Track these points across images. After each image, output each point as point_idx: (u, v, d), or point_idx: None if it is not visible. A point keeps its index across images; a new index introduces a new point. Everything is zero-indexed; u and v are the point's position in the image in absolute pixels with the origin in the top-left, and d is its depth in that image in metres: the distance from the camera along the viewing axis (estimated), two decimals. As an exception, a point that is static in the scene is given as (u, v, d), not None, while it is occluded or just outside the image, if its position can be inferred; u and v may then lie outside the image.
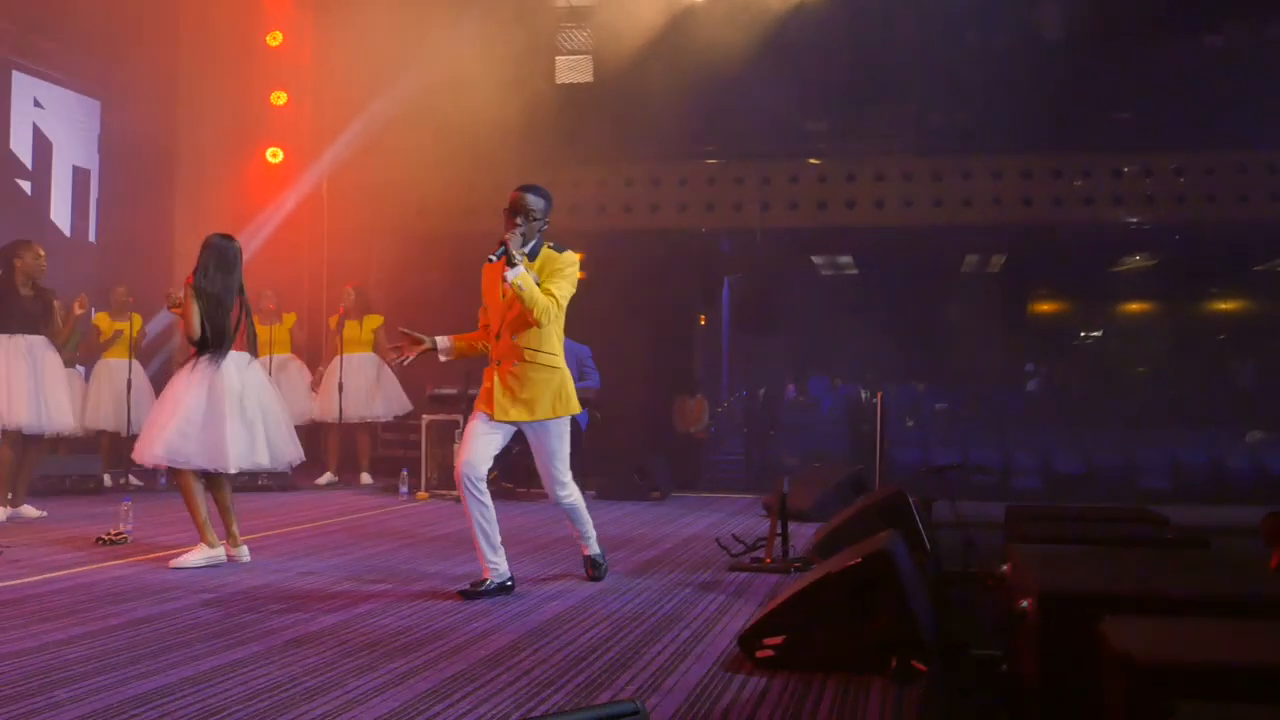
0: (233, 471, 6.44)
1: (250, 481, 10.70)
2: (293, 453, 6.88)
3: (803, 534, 7.26)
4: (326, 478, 11.30)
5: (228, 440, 6.36)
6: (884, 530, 4.56)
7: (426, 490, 10.40)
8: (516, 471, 10.68)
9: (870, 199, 13.91)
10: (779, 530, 6.23)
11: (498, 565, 5.41)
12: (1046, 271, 18.62)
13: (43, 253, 8.37)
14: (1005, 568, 4.82)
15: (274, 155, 13.88)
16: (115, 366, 10.81)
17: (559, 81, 14.43)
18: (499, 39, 12.75)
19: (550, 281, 5.36)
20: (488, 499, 5.35)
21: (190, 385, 6.44)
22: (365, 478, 11.45)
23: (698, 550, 7.01)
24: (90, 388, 10.90)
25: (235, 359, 6.55)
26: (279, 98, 13.93)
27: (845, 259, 18.57)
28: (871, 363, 17.77)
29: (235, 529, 6.51)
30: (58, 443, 10.39)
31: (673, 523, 8.56)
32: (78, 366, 10.78)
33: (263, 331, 11.35)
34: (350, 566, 6.08)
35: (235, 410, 6.43)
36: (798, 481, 9.09)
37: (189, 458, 6.34)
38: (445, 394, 10.41)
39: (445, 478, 10.38)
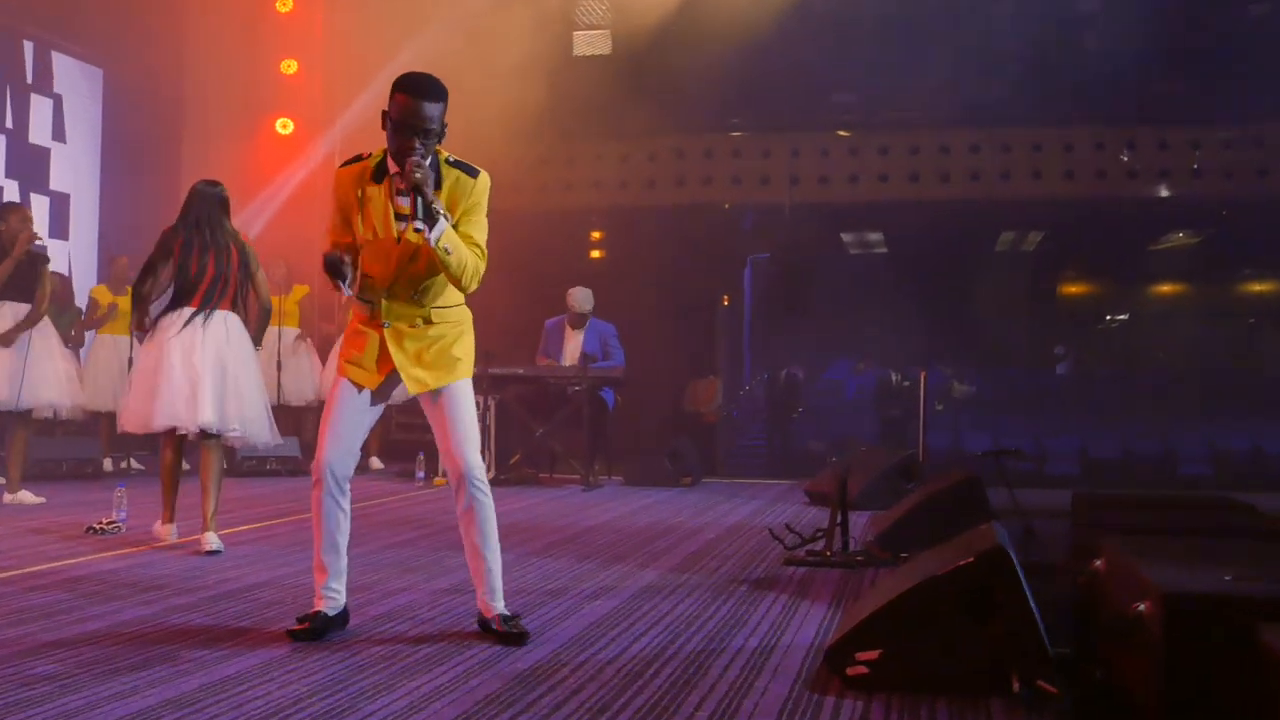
0: (195, 428, 6.00)
1: (259, 466, 10.16)
2: (253, 423, 6.25)
3: (853, 523, 6.65)
4: None
5: (166, 397, 5.96)
6: (979, 522, 3.97)
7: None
8: (539, 455, 10.12)
9: (904, 173, 13.34)
10: (839, 520, 5.63)
11: (338, 594, 4.05)
12: (1084, 249, 17.95)
13: (30, 216, 7.78)
14: (1098, 562, 4.27)
15: (284, 126, 13.31)
16: (114, 343, 10.24)
17: (577, 54, 13.86)
18: (516, 11, 12.18)
19: (468, 223, 3.95)
20: (348, 504, 4.05)
21: (150, 343, 6.14)
22: (375, 462, 10.88)
23: (746, 541, 6.43)
24: (88, 366, 10.33)
25: (227, 319, 6.13)
26: (289, 66, 13.35)
27: (875, 236, 17.95)
28: (898, 345, 17.15)
29: (211, 509, 5.98)
30: (54, 425, 9.84)
31: (710, 510, 7.98)
32: (73, 347, 10.23)
33: (287, 302, 10.83)
34: (363, 561, 5.51)
35: (182, 364, 6.00)
36: (843, 465, 8.52)
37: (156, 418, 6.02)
38: (465, 373, 9.83)
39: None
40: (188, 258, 6.01)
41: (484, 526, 4.00)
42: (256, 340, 6.39)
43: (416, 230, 3.79)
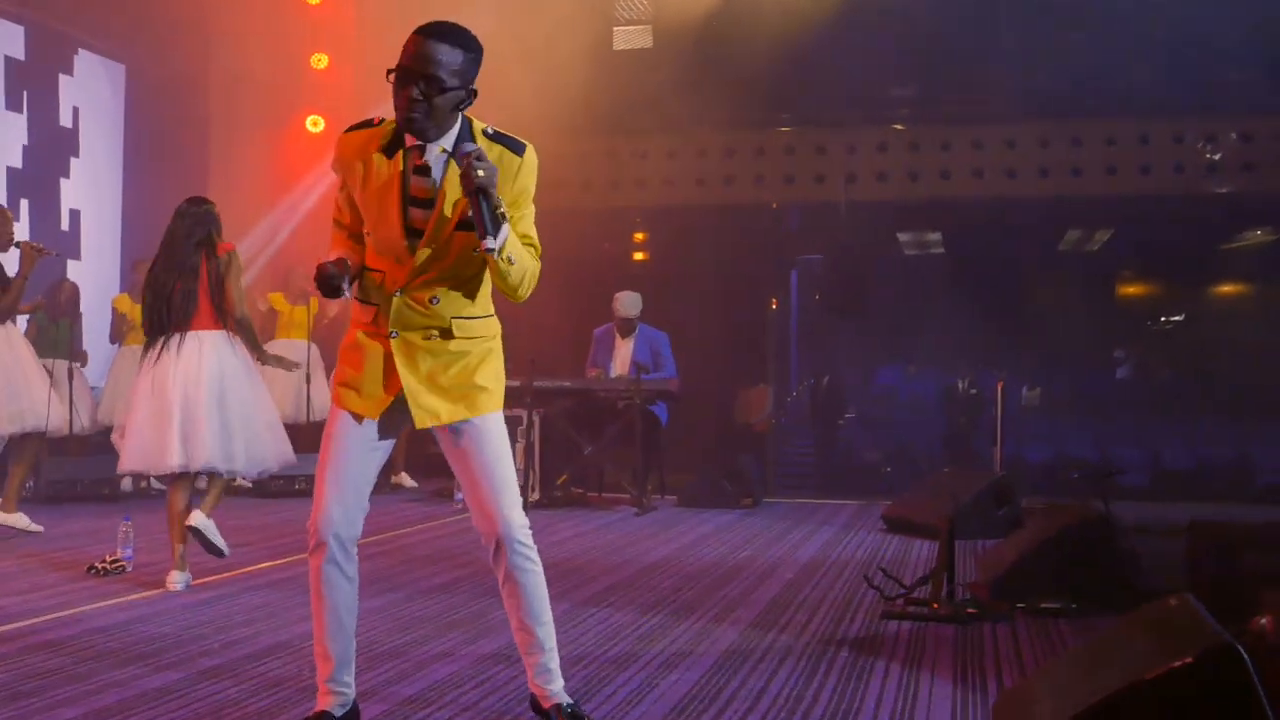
0: (168, 471, 5.48)
1: (287, 485, 9.46)
2: (273, 454, 5.76)
3: (926, 549, 5.82)
4: None
5: (168, 437, 5.43)
6: (1109, 569, 3.20)
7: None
8: (588, 473, 9.39)
9: (967, 169, 12.55)
10: (945, 565, 4.86)
11: (347, 688, 3.25)
12: (1154, 247, 17.07)
13: (9, 216, 7.09)
14: (1264, 620, 3.54)
15: (314, 124, 12.66)
16: (135, 355, 9.59)
17: (617, 48, 13.18)
18: (553, 8, 11.53)
19: (517, 215, 3.14)
20: (356, 570, 3.22)
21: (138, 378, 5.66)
22: (405, 479, 10.12)
23: (830, 584, 5.67)
24: (109, 378, 9.71)
25: (202, 340, 5.54)
26: (320, 61, 12.70)
27: (934, 236, 17.13)
28: (954, 348, 16.35)
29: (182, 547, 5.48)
30: (69, 442, 9.21)
31: (781, 541, 7.21)
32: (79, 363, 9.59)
33: (297, 312, 10.14)
34: (391, 615, 4.79)
35: (176, 402, 5.45)
36: (925, 489, 7.76)
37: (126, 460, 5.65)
38: (508, 386, 9.07)
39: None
40: (153, 283, 5.55)
41: (532, 599, 3.20)
42: (260, 358, 5.88)
43: (487, 250, 2.94)
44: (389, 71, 3.03)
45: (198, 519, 5.44)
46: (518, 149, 3.13)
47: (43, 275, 9.62)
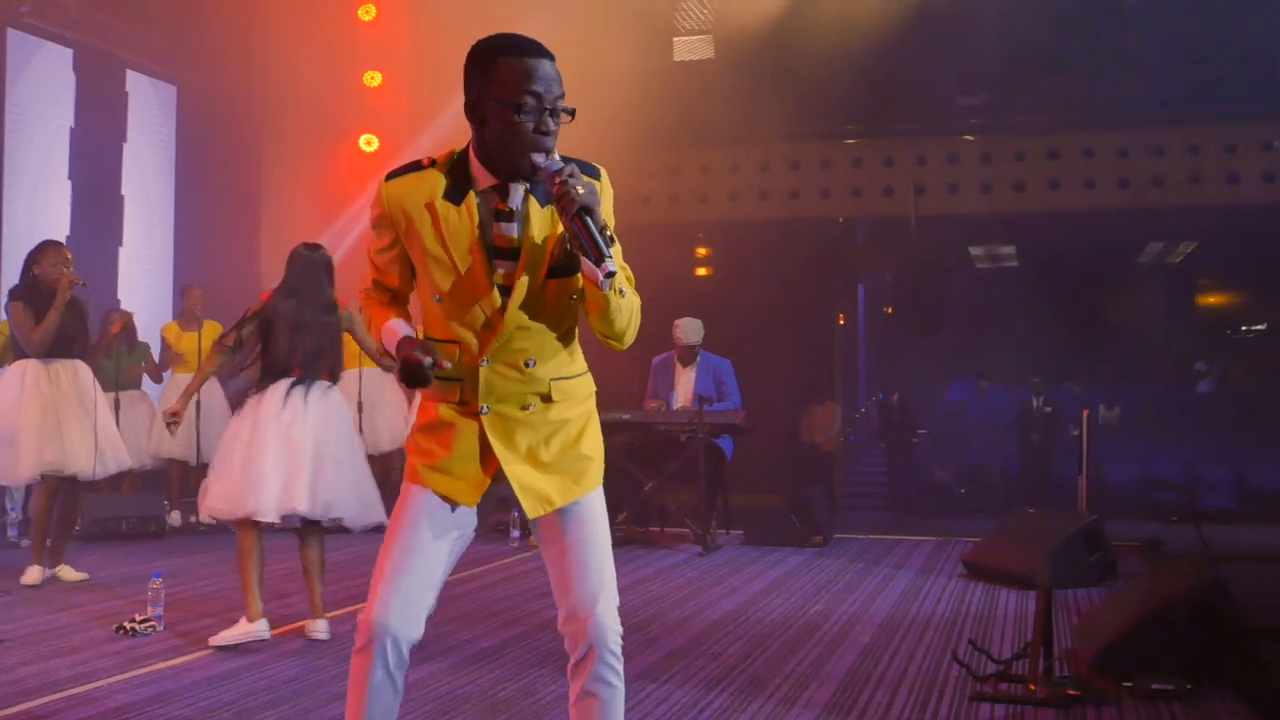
0: (265, 520, 5.23)
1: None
2: (353, 507, 5.42)
3: (1013, 601, 5.28)
4: None
5: (258, 481, 5.20)
6: (1229, 642, 2.73)
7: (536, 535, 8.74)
8: (648, 508, 8.98)
9: (1043, 180, 12.02)
10: (1042, 636, 4.39)
11: None
12: (1238, 258, 16.41)
13: (69, 255, 6.82)
14: None
15: (368, 143, 12.44)
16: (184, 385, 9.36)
17: (678, 59, 12.81)
18: (612, 18, 11.18)
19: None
20: (404, 682, 2.69)
21: (239, 422, 5.42)
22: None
23: (912, 650, 5.19)
24: (159, 409, 9.47)
25: (318, 389, 5.43)
26: (373, 79, 12.46)
27: (1007, 249, 16.58)
28: (1030, 364, 15.80)
29: (318, 596, 5.37)
30: (120, 478, 8.97)
31: (855, 590, 6.74)
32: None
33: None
34: (431, 690, 4.41)
35: (278, 444, 5.26)
36: (1008, 533, 7.27)
37: (212, 505, 5.32)
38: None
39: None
40: (281, 334, 5.35)
41: (604, 708, 2.68)
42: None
43: (608, 275, 2.48)
44: (470, 106, 2.58)
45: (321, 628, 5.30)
46: (593, 172, 2.67)
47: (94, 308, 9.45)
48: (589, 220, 2.45)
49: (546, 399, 2.69)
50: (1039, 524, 7.13)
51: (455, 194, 2.60)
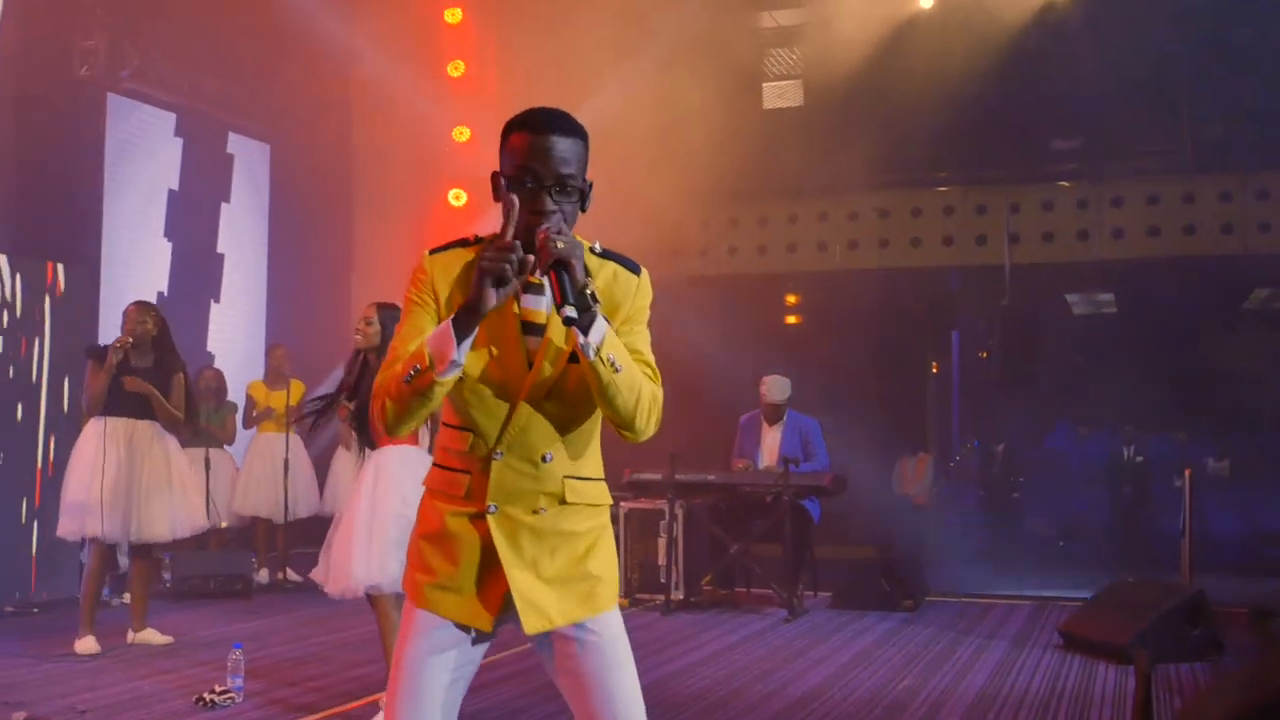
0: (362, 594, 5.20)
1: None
2: None
3: (1111, 678, 5.08)
4: None
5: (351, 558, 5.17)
6: None
7: (625, 596, 8.64)
8: (733, 571, 8.84)
9: (1141, 226, 11.70)
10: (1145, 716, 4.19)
11: None
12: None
13: (151, 311, 6.87)
14: None
15: (456, 197, 12.53)
16: (270, 443, 9.47)
17: (767, 107, 12.77)
18: (700, 65, 11.16)
19: (631, 334, 2.53)
20: None
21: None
22: None
23: (1000, 732, 5.01)
24: (244, 468, 9.57)
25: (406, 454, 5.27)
26: (461, 134, 12.56)
27: (1105, 296, 16.18)
28: (1130, 412, 15.36)
29: None
30: (207, 536, 9.09)
31: (946, 662, 6.53)
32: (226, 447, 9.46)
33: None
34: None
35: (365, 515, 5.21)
36: (1107, 604, 7.01)
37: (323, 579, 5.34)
38: (648, 479, 8.61)
39: (649, 578, 8.59)
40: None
41: None
42: None
43: (567, 319, 2.30)
44: (493, 180, 2.49)
45: None
46: (634, 268, 2.56)
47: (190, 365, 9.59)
48: (563, 274, 2.32)
49: (559, 500, 2.49)
50: (1139, 595, 6.86)
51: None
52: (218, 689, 5.43)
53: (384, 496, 5.16)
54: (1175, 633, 6.39)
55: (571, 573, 2.49)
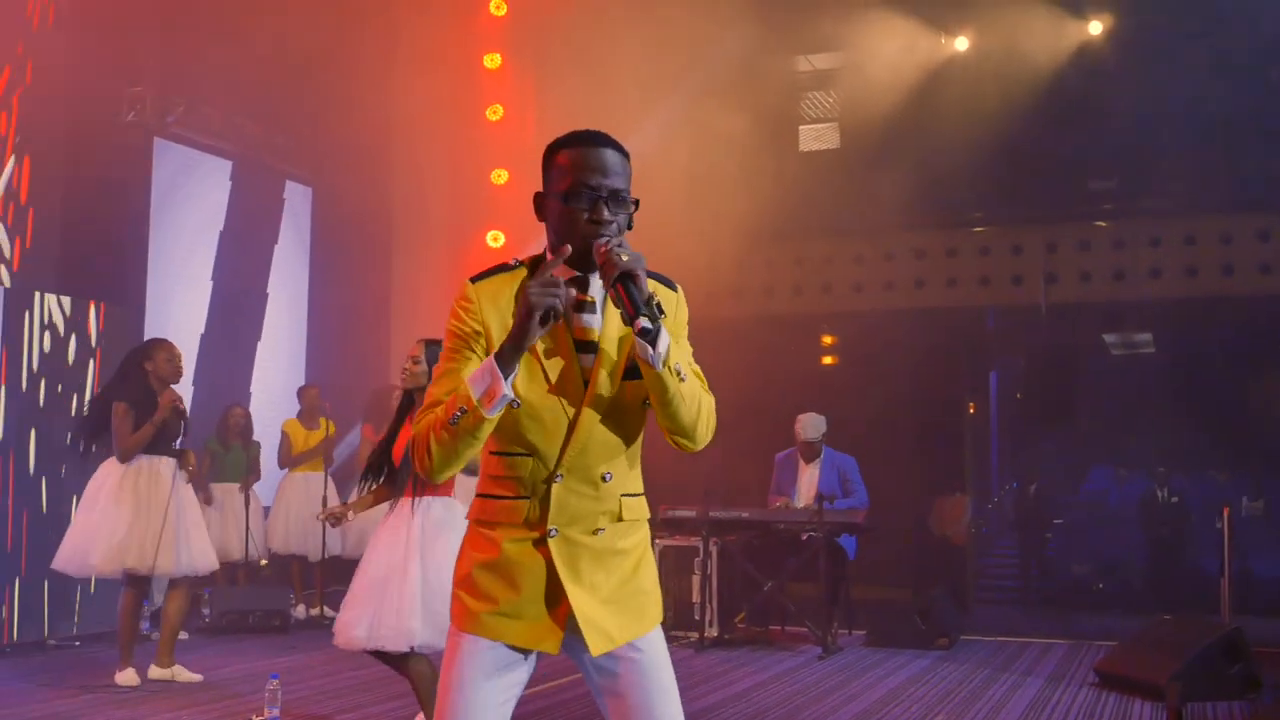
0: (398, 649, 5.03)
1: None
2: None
3: (1147, 715, 5.09)
4: None
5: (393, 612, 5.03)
6: None
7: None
8: (768, 608, 8.84)
9: (1179, 265, 11.67)
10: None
11: None
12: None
13: (179, 352, 6.98)
14: None
15: (495, 239, 12.64)
16: (306, 481, 9.59)
17: (803, 150, 12.88)
18: (737, 109, 11.28)
19: (680, 344, 2.54)
20: None
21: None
22: None
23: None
24: (277, 506, 9.69)
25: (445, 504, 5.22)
26: (500, 176, 12.70)
27: (1143, 336, 16.12)
28: (1168, 452, 15.24)
29: None
30: (240, 570, 9.22)
31: (979, 699, 6.52)
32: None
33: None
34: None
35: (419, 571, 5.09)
36: (1144, 642, 6.98)
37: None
38: (682, 516, 8.64)
39: (683, 615, 8.61)
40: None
41: None
42: None
43: (643, 331, 2.32)
44: (537, 200, 2.54)
45: None
46: (671, 285, 2.59)
47: (218, 400, 9.75)
48: (630, 286, 2.33)
49: (616, 519, 2.52)
50: (1176, 633, 6.83)
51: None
52: (255, 718, 5.50)
53: (442, 551, 5.01)
54: (1213, 670, 6.35)
55: (624, 590, 2.52)
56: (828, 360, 14.07)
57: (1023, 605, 12.13)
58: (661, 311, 2.36)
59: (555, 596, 2.46)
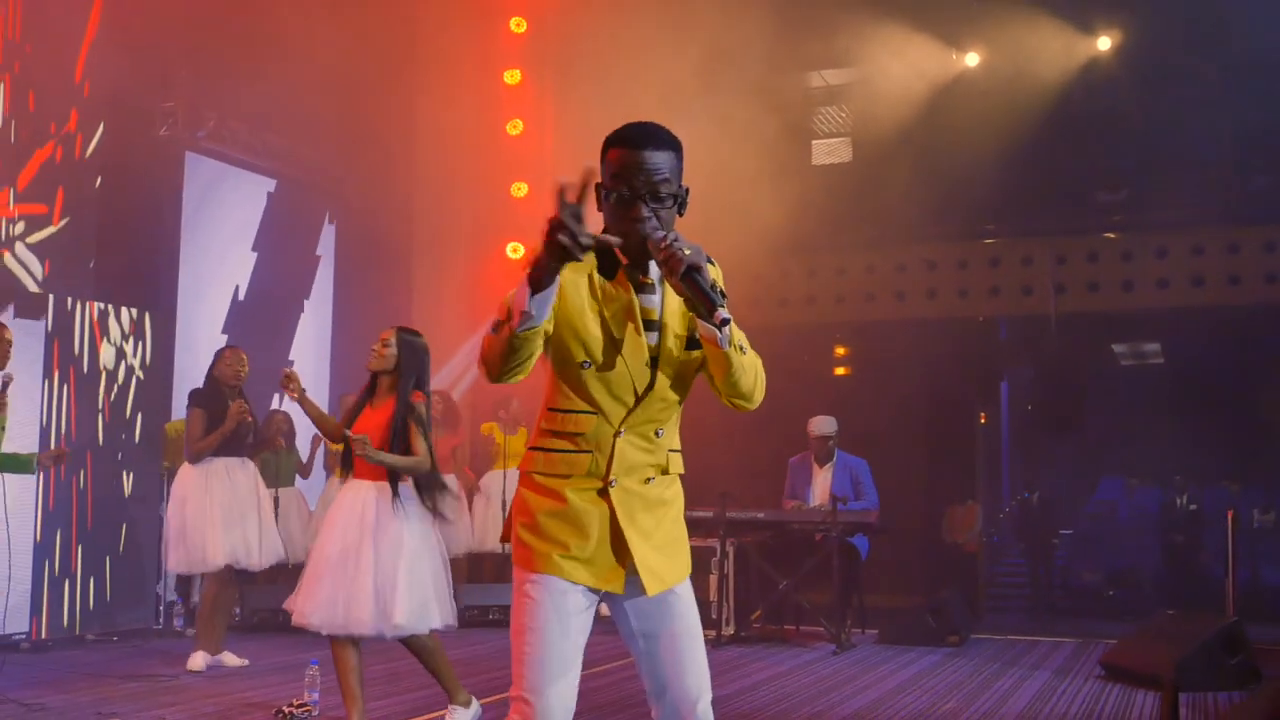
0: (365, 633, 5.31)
1: (481, 615, 9.49)
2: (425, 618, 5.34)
3: (1149, 704, 5.31)
4: None
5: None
6: None
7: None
8: (784, 607, 9.08)
9: (1186, 276, 11.88)
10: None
11: None
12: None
13: (244, 357, 7.33)
14: None
15: (515, 250, 12.93)
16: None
17: (815, 164, 13.13)
18: (751, 123, 11.53)
19: None
20: None
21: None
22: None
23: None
24: (318, 508, 9.95)
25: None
26: (520, 189, 12.99)
27: (1152, 346, 16.32)
28: (1178, 462, 15.42)
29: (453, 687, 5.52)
30: (279, 570, 9.47)
31: (987, 690, 6.76)
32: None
33: (513, 441, 10.22)
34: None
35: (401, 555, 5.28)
36: (1147, 635, 7.21)
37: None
38: (699, 517, 8.89)
39: (701, 613, 8.82)
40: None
41: None
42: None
43: (724, 321, 2.55)
44: (596, 191, 2.70)
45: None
46: (708, 259, 2.73)
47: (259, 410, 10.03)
48: (698, 278, 2.55)
49: (664, 471, 2.79)
50: (1179, 626, 7.06)
51: (608, 269, 2.73)
52: (295, 703, 5.77)
53: (395, 537, 5.17)
54: (1214, 662, 6.58)
55: (670, 536, 2.79)
56: (841, 370, 14.29)
57: (1033, 613, 12.32)
58: (724, 295, 2.60)
59: (617, 542, 2.71)
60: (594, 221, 2.77)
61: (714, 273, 2.74)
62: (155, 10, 9.38)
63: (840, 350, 14.27)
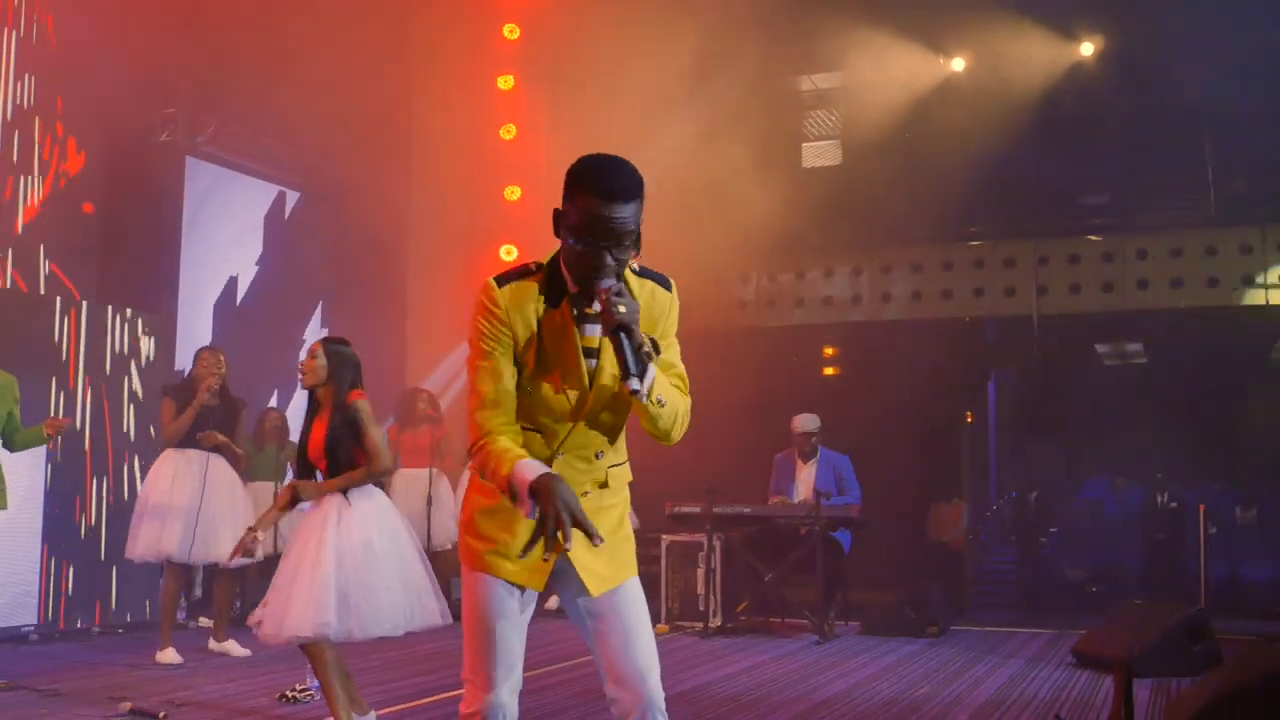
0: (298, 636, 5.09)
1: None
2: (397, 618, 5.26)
3: (1111, 692, 5.58)
4: None
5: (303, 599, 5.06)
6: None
7: (666, 623, 9.20)
8: (769, 600, 9.35)
9: (1165, 278, 12.14)
10: (1121, 713, 4.68)
11: None
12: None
13: (222, 357, 7.56)
14: None
15: (508, 252, 13.17)
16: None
17: (805, 166, 13.38)
18: (742, 127, 11.79)
19: (666, 348, 2.93)
20: None
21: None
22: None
23: (1004, 727, 5.51)
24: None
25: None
26: (513, 193, 13.24)
27: (1134, 347, 16.58)
28: (1161, 461, 15.68)
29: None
30: (275, 564, 9.69)
31: (961, 676, 7.03)
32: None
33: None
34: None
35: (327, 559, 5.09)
36: (1116, 624, 7.48)
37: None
38: (687, 512, 9.17)
39: (688, 606, 9.16)
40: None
41: None
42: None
43: (633, 391, 2.69)
44: (555, 215, 2.85)
45: None
46: (667, 284, 2.97)
47: (254, 407, 10.27)
48: (624, 339, 2.69)
49: (603, 485, 2.94)
50: (1146, 614, 7.33)
51: (553, 297, 2.84)
52: (298, 687, 6.03)
53: (359, 539, 5.08)
54: (1178, 649, 6.84)
55: (614, 538, 2.92)
56: (829, 371, 14.54)
57: (1018, 609, 12.55)
58: (652, 356, 2.73)
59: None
60: (550, 245, 2.97)
61: (669, 304, 2.94)
62: (155, 17, 9.64)
63: (829, 350, 14.51)
